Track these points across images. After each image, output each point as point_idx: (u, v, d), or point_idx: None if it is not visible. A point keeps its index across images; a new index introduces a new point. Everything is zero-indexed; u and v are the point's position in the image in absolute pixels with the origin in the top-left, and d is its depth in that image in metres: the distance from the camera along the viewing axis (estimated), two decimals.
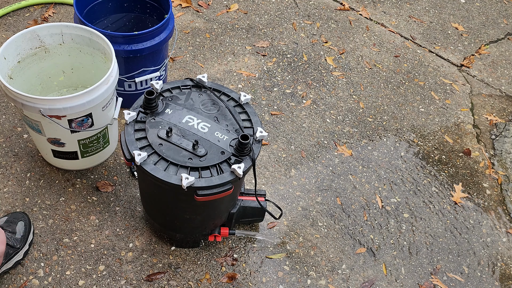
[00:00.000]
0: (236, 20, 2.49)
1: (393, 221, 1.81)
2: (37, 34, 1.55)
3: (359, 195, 1.86)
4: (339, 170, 1.93)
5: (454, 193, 1.94)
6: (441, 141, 2.13)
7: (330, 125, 2.09)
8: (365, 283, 1.62)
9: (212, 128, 1.30)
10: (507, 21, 2.86)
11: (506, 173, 2.05)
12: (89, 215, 1.63)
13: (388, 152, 2.04)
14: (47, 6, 2.34)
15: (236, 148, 1.26)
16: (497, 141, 2.19)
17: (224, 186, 1.22)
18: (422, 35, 2.65)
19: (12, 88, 1.34)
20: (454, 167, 2.04)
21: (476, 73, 2.51)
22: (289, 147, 1.97)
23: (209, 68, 2.22)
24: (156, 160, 1.21)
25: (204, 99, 1.38)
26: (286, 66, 2.30)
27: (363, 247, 1.71)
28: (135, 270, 1.53)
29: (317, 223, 1.75)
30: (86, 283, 1.48)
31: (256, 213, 1.58)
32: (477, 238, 1.82)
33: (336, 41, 2.49)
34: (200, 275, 1.55)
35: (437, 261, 1.72)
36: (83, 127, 1.50)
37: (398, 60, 2.47)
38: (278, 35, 2.46)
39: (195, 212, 1.37)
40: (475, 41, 2.68)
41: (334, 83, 2.27)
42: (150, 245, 1.59)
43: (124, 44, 1.64)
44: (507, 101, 2.39)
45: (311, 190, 1.84)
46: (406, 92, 2.31)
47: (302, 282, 1.59)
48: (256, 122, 1.36)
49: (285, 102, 2.14)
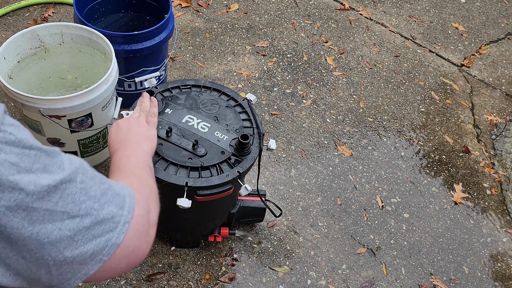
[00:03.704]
0: (236, 20, 2.49)
1: (393, 221, 1.81)
2: (36, 34, 1.55)
3: (359, 195, 1.86)
4: (339, 170, 1.93)
5: (454, 193, 1.94)
6: (441, 141, 2.13)
7: (330, 125, 2.09)
8: (365, 283, 1.62)
9: (212, 128, 1.29)
10: (508, 21, 2.86)
11: (506, 173, 2.05)
12: None
13: (388, 152, 2.04)
14: (46, 6, 2.34)
15: (236, 148, 1.26)
16: (497, 141, 2.18)
17: (224, 186, 1.22)
18: (422, 35, 2.65)
19: (12, 88, 1.33)
20: (454, 167, 2.04)
21: (477, 73, 2.50)
22: (289, 147, 1.97)
23: (209, 68, 2.22)
24: (156, 160, 1.21)
25: (204, 99, 1.37)
26: (286, 66, 2.30)
27: (363, 247, 1.71)
28: (135, 270, 1.53)
29: (317, 223, 1.75)
30: (86, 283, 1.48)
31: (256, 213, 1.58)
32: (477, 238, 1.81)
33: (336, 41, 2.49)
34: (200, 275, 1.55)
35: (437, 261, 1.72)
36: (83, 127, 1.50)
37: (398, 60, 2.46)
38: (278, 35, 2.45)
39: (195, 212, 1.37)
40: (476, 41, 2.68)
41: (334, 83, 2.27)
42: None
43: (124, 44, 1.64)
44: (507, 101, 2.39)
45: (311, 190, 1.84)
46: (406, 92, 2.31)
47: (302, 282, 1.59)
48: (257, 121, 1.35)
49: (285, 102, 2.14)
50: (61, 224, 0.52)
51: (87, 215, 0.55)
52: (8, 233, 0.50)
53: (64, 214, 0.52)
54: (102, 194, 0.58)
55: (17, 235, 0.50)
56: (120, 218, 0.59)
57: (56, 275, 0.55)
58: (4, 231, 0.50)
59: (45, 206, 0.51)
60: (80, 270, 0.56)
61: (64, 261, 0.54)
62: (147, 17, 1.95)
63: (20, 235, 0.51)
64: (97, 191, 0.57)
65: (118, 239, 0.58)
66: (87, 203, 0.55)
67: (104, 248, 0.57)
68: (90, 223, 0.55)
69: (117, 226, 0.58)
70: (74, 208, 0.53)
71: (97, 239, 0.56)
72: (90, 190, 0.56)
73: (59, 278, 0.55)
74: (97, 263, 0.57)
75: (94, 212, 0.55)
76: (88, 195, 0.55)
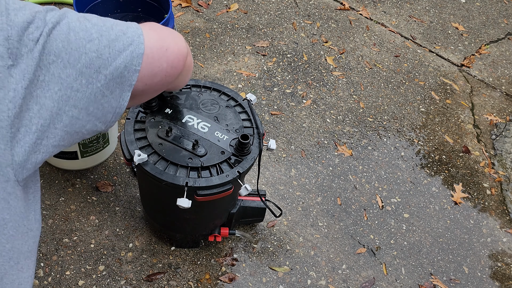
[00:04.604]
0: (236, 20, 2.49)
1: (393, 221, 1.81)
2: None
3: (359, 195, 1.86)
4: (339, 170, 1.93)
5: (454, 193, 1.94)
6: (441, 141, 2.13)
7: (330, 125, 2.09)
8: (365, 283, 1.62)
9: (212, 128, 1.29)
10: (508, 21, 2.86)
11: (506, 173, 2.05)
12: (89, 215, 1.63)
13: (389, 152, 2.04)
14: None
15: (236, 148, 1.25)
16: (497, 141, 2.19)
17: (224, 186, 1.22)
18: (422, 35, 2.65)
19: None
20: (454, 167, 2.04)
21: (477, 73, 2.50)
22: (289, 147, 1.97)
23: (209, 68, 2.22)
24: (156, 160, 1.21)
25: (204, 99, 1.37)
26: (286, 66, 2.30)
27: (363, 247, 1.71)
28: (135, 270, 1.53)
29: (317, 223, 1.75)
30: (86, 283, 1.48)
31: (256, 213, 1.58)
32: (477, 238, 1.81)
33: (336, 40, 2.49)
34: (200, 275, 1.55)
35: (437, 261, 1.72)
36: None
37: (398, 60, 2.46)
38: (278, 35, 2.45)
39: (195, 212, 1.37)
40: (476, 41, 2.68)
41: (334, 83, 2.27)
42: (150, 245, 1.59)
43: None
44: (507, 101, 2.39)
45: (311, 190, 1.84)
46: (406, 92, 2.31)
47: (302, 282, 1.59)
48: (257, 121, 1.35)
49: (285, 102, 2.14)
50: (84, 48, 0.60)
51: (101, 36, 0.62)
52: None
53: (81, 41, 0.60)
54: (104, 21, 0.65)
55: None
56: (132, 32, 0.66)
57: (110, 96, 0.64)
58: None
59: (61, 38, 0.58)
60: (123, 83, 0.65)
61: (105, 79, 0.62)
62: (147, 17, 1.95)
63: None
64: (97, 19, 0.65)
65: (140, 49, 0.66)
66: (95, 28, 0.62)
67: (131, 59, 0.65)
68: (107, 41, 0.62)
69: (133, 39, 0.66)
70: (85, 34, 0.60)
71: (123, 53, 0.64)
72: (91, 19, 0.63)
73: (114, 98, 0.65)
74: (132, 73, 0.65)
75: (105, 33, 0.63)
76: (92, 22, 0.63)
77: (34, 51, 0.55)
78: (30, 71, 0.55)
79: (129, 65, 0.65)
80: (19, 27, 0.54)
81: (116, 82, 0.64)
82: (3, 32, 0.53)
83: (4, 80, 0.53)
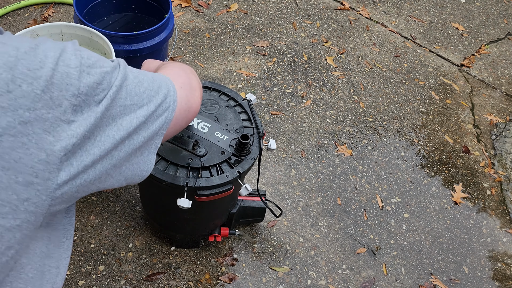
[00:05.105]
0: (236, 20, 2.49)
1: (393, 221, 1.81)
2: (36, 34, 1.55)
3: (359, 195, 1.86)
4: (339, 170, 1.93)
5: (454, 193, 1.94)
6: (441, 141, 2.13)
7: (330, 125, 2.09)
8: (365, 283, 1.62)
9: (212, 128, 1.29)
10: (508, 21, 2.86)
11: (506, 173, 2.05)
12: (89, 215, 1.63)
13: (389, 152, 2.04)
14: (46, 6, 2.34)
15: (236, 148, 1.25)
16: (497, 141, 2.19)
17: (224, 186, 1.22)
18: (422, 35, 2.65)
19: None
20: (454, 167, 2.04)
21: (477, 73, 2.50)
22: (289, 147, 1.97)
23: (209, 68, 2.22)
24: (156, 160, 1.21)
25: (204, 99, 1.37)
26: (286, 66, 2.30)
27: (363, 247, 1.71)
28: (135, 270, 1.53)
29: (317, 223, 1.75)
30: (85, 283, 1.48)
31: (256, 213, 1.58)
32: (477, 238, 1.81)
33: (336, 41, 2.49)
34: (200, 275, 1.55)
35: (437, 261, 1.72)
36: None
37: (398, 60, 2.46)
38: (278, 35, 2.45)
39: (195, 212, 1.37)
40: (476, 41, 2.68)
41: (334, 83, 2.27)
42: (150, 245, 1.59)
43: (124, 44, 1.64)
44: (507, 101, 2.39)
45: (311, 190, 1.84)
46: (406, 92, 2.31)
47: (302, 282, 1.59)
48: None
49: (285, 102, 2.14)
50: (135, 114, 0.63)
51: (150, 102, 0.65)
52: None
53: (134, 106, 0.63)
54: (152, 82, 0.68)
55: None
56: (170, 97, 0.70)
57: (139, 157, 0.67)
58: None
59: (120, 103, 0.61)
60: (151, 145, 0.69)
61: (142, 141, 0.66)
62: (147, 17, 1.95)
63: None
64: (148, 82, 0.67)
65: (171, 115, 0.70)
66: (146, 92, 0.65)
67: (163, 124, 0.68)
68: (154, 107, 0.66)
69: (170, 105, 0.69)
70: (138, 99, 0.64)
71: (159, 118, 0.67)
72: (143, 82, 0.66)
73: (142, 160, 0.68)
74: (160, 136, 0.69)
75: (153, 99, 0.66)
76: (144, 86, 0.65)
77: (96, 111, 0.57)
78: (86, 129, 0.57)
79: (160, 129, 0.69)
80: (89, 87, 0.56)
81: (147, 144, 0.68)
82: (73, 88, 0.55)
83: (61, 133, 0.54)
